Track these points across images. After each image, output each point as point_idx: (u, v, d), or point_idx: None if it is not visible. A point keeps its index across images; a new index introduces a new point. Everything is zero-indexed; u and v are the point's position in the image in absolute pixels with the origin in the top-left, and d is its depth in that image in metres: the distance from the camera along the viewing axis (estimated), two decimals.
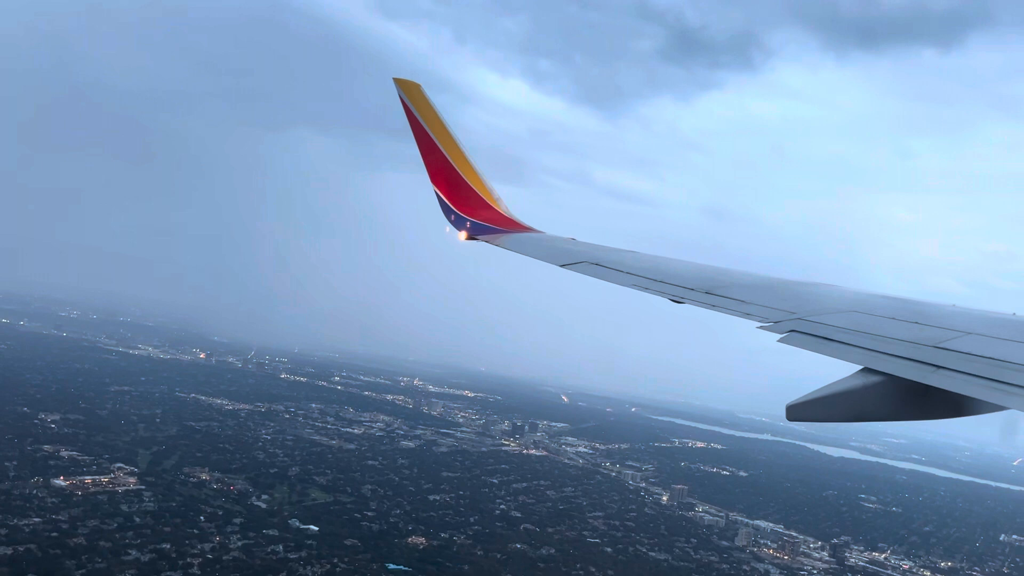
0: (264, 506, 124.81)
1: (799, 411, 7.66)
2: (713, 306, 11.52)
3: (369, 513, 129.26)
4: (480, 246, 19.75)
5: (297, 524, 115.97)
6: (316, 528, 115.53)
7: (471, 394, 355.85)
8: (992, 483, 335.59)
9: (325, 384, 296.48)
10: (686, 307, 12.13)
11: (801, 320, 10.08)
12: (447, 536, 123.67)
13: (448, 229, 20.34)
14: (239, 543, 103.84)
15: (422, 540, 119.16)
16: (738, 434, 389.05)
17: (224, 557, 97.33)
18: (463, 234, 19.82)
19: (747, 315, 10.82)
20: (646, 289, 12.90)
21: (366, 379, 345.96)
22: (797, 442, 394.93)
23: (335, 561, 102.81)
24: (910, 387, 7.64)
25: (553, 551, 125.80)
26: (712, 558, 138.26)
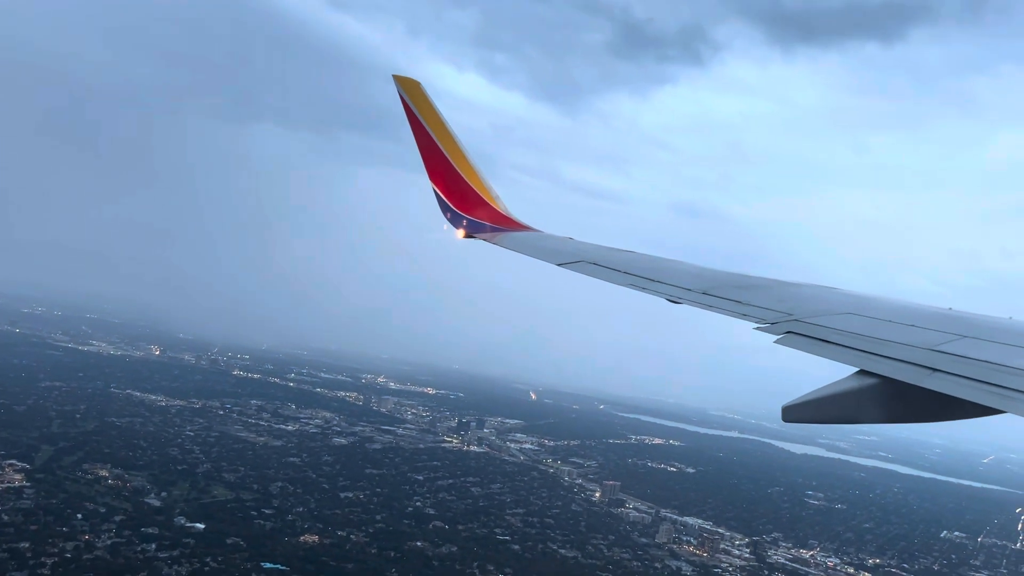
0: (158, 503, 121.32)
1: (794, 412, 7.55)
2: (710, 307, 11.45)
3: (267, 511, 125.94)
4: (474, 244, 19.74)
5: (183, 522, 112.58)
6: (202, 526, 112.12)
7: (432, 391, 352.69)
8: (954, 480, 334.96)
9: (278, 381, 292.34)
10: (676, 308, 12.07)
11: (798, 322, 10.06)
12: (344, 534, 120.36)
13: (446, 227, 20.34)
14: (108, 542, 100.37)
15: (315, 538, 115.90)
16: (702, 431, 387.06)
17: (84, 556, 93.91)
18: (461, 232, 19.88)
19: (744, 316, 10.71)
20: (643, 289, 12.87)
21: (326, 376, 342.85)
22: (762, 439, 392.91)
23: (207, 560, 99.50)
24: (906, 389, 7.56)
25: (455, 549, 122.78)
26: (624, 555, 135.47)
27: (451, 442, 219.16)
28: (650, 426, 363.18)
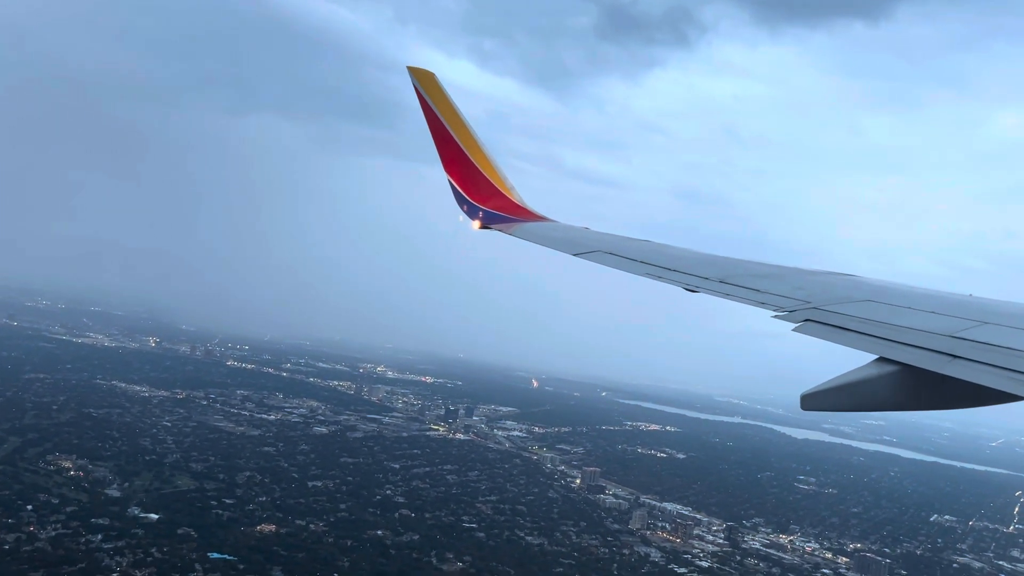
0: (117, 494, 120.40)
1: (813, 400, 7.50)
2: (727, 295, 11.45)
3: (228, 501, 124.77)
4: (485, 234, 19.79)
5: (136, 512, 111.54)
6: (156, 517, 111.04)
7: (430, 380, 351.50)
8: (958, 463, 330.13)
9: (271, 371, 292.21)
10: (686, 296, 12.19)
11: (816, 309, 10.03)
12: (303, 524, 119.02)
13: (461, 218, 20.32)
14: (53, 533, 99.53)
15: (272, 528, 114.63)
16: (703, 416, 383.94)
17: (24, 548, 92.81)
18: (476, 223, 19.84)
19: (761, 304, 10.64)
20: (660, 278, 12.89)
21: (323, 365, 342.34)
22: (766, 424, 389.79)
23: (152, 551, 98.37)
24: (926, 377, 7.48)
25: (416, 537, 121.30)
26: (593, 542, 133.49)
27: (437, 430, 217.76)
28: (650, 412, 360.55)
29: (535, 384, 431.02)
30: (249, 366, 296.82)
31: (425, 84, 19.61)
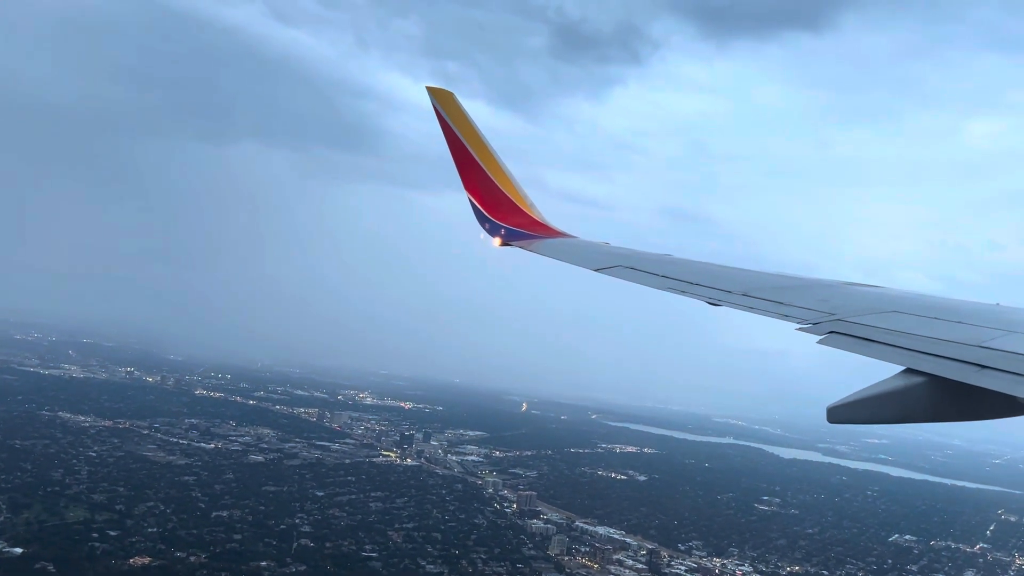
0: None
1: (841, 413, 7.37)
2: (750, 308, 11.37)
3: (112, 533, 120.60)
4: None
5: (2, 547, 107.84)
6: (19, 551, 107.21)
7: (409, 406, 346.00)
8: (949, 481, 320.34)
9: (239, 399, 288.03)
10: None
11: (841, 321, 9.92)
12: (183, 555, 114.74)
13: (483, 236, 20.37)
14: None
15: (145, 560, 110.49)
16: (691, 438, 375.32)
17: None
18: (497, 240, 19.86)
19: (785, 317, 10.58)
20: (683, 292, 12.78)
21: (300, 393, 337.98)
22: (756, 444, 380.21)
23: None
24: (954, 387, 7.36)
25: (304, 568, 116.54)
26: (499, 569, 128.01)
27: (388, 456, 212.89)
28: (633, 434, 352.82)
29: (524, 408, 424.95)
30: (218, 395, 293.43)
31: (444, 103, 19.63)
